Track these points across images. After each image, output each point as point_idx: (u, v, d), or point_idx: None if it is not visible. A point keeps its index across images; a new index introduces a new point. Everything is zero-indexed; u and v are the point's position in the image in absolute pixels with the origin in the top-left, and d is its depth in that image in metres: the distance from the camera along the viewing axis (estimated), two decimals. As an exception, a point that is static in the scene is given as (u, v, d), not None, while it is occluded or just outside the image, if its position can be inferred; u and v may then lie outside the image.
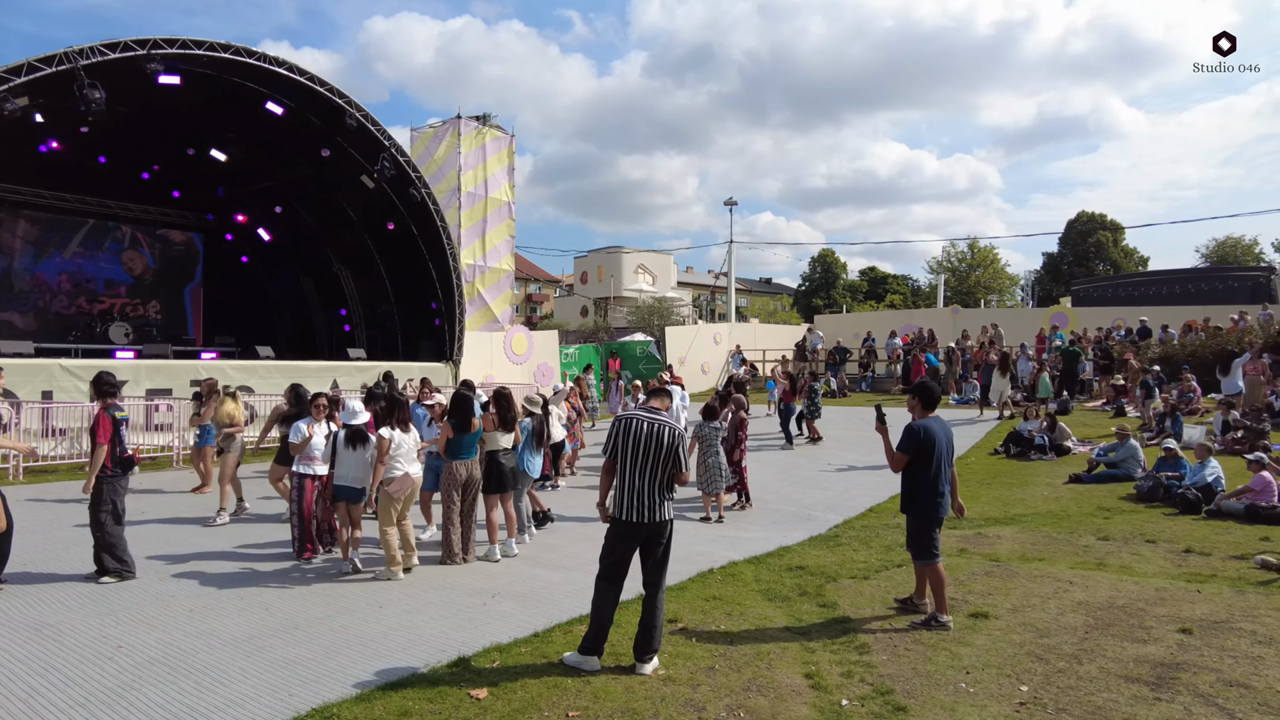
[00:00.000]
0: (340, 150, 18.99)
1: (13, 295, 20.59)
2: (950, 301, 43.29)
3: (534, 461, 8.61)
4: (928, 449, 5.78)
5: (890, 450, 6.00)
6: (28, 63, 13.07)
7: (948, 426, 6.06)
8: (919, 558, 5.92)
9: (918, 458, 5.81)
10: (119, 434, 6.95)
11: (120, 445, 6.95)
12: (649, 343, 29.03)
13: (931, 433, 5.82)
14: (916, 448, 5.81)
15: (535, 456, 8.63)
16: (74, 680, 4.81)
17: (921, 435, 5.80)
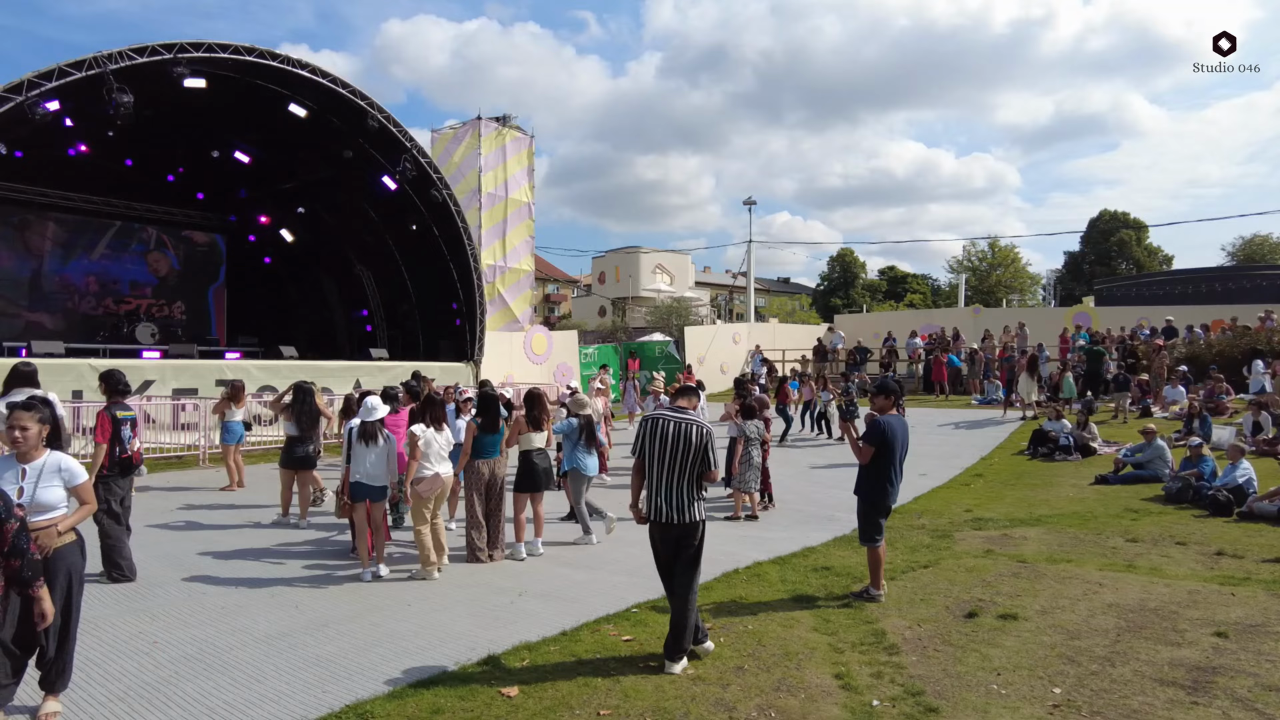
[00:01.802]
0: (362, 151, 19.13)
1: (42, 296, 20.91)
2: (971, 301, 43.00)
3: (589, 460, 8.56)
4: (889, 442, 6.18)
5: (855, 444, 6.40)
6: (58, 67, 13.28)
7: (906, 425, 6.44)
8: (864, 540, 6.43)
9: (879, 450, 6.21)
10: (119, 434, 6.88)
11: (120, 445, 6.88)
12: (668, 343, 29.04)
13: (892, 428, 6.20)
14: (879, 440, 6.19)
15: (590, 455, 8.59)
16: (113, 675, 4.89)
17: (883, 429, 6.19)
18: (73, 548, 4.37)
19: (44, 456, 4.30)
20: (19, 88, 12.97)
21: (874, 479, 6.29)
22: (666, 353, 27.84)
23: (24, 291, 20.64)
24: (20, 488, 4.15)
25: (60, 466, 4.31)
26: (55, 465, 4.29)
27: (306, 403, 9.40)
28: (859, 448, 6.31)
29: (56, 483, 4.26)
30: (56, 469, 4.28)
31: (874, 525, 6.35)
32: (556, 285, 71.95)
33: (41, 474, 4.22)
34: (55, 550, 4.25)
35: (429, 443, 7.19)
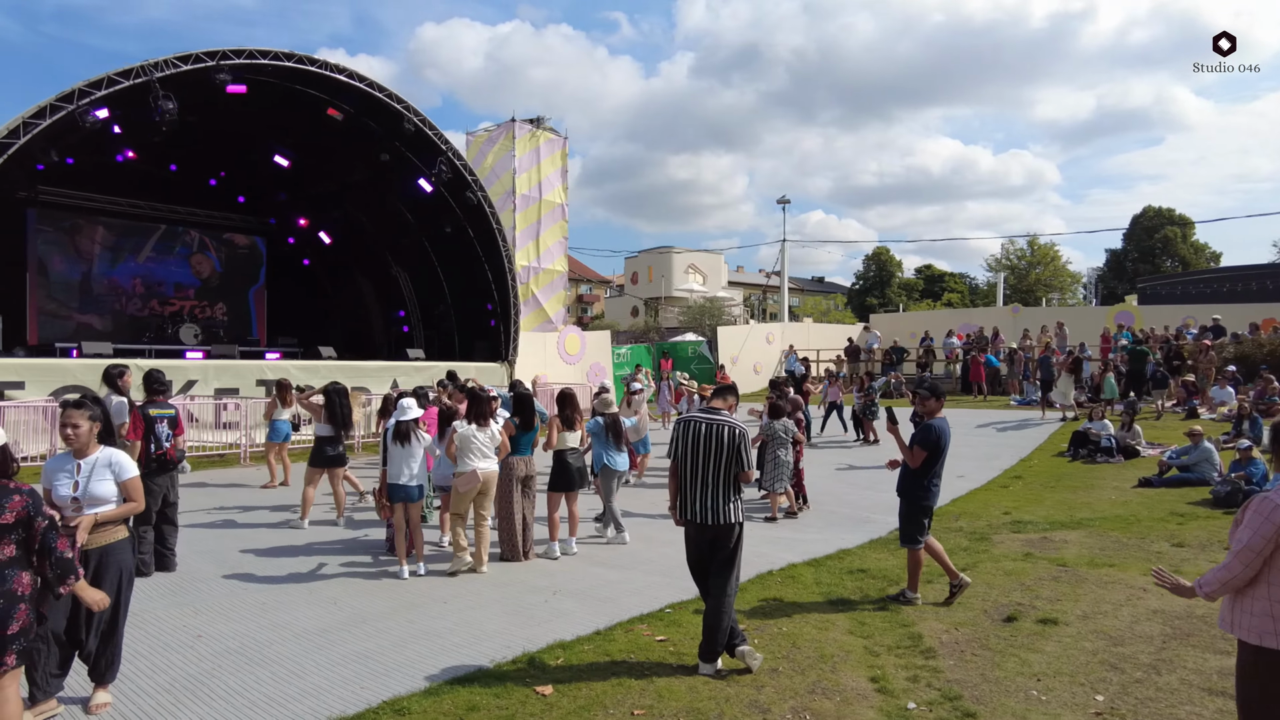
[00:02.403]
0: (398, 154, 19.37)
1: (92, 299, 21.50)
2: (1010, 300, 42.26)
3: (619, 456, 8.68)
4: (942, 446, 6.22)
5: (905, 447, 6.37)
6: (107, 76, 13.65)
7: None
8: (905, 542, 6.40)
9: (931, 453, 6.22)
10: (153, 432, 7.06)
11: (156, 443, 7.06)
12: (701, 343, 28.98)
13: (944, 432, 6.24)
14: (933, 445, 6.19)
15: (620, 452, 8.70)
16: (159, 667, 5.02)
17: (937, 433, 6.20)
18: (124, 544, 4.49)
19: (97, 452, 4.44)
20: (70, 97, 13.36)
21: (920, 481, 6.27)
22: (699, 353, 27.79)
23: (75, 294, 21.24)
24: (75, 481, 4.31)
25: (111, 461, 4.44)
26: (107, 460, 4.43)
27: (340, 403, 9.51)
28: (910, 451, 6.25)
29: (108, 476, 4.39)
30: (108, 463, 4.42)
31: (917, 526, 6.33)
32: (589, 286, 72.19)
33: (94, 468, 4.37)
34: (107, 546, 4.36)
35: (467, 439, 7.24)
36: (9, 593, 3.50)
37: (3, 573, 3.51)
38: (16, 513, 3.56)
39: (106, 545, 4.36)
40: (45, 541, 3.67)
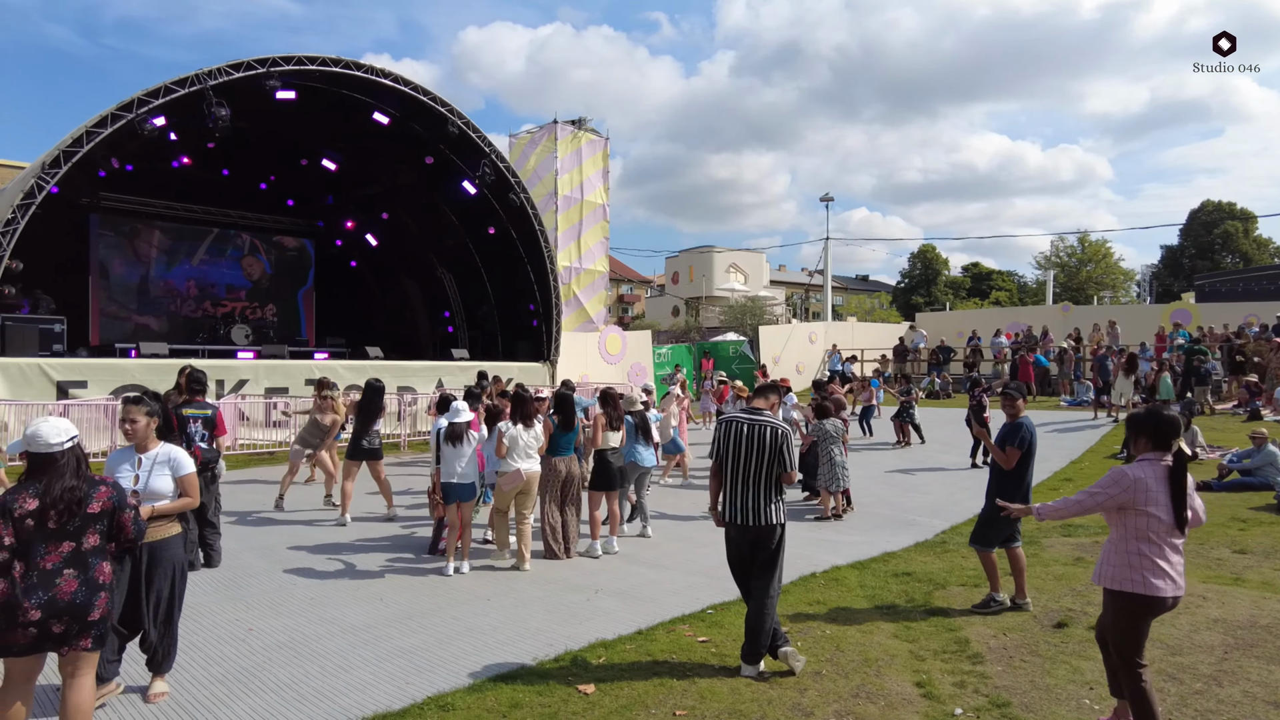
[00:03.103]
0: (442, 157, 19.62)
1: (149, 300, 22.16)
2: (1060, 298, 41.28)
3: (647, 453, 8.77)
4: (1034, 446, 6.18)
5: (997, 449, 6.26)
6: (164, 85, 14.05)
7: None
8: (977, 542, 6.31)
9: (1026, 453, 6.15)
10: (185, 433, 7.07)
11: (186, 442, 7.04)
12: (742, 342, 28.83)
13: (1033, 430, 6.19)
14: (1028, 445, 6.14)
15: (647, 449, 8.79)
16: (213, 659, 5.16)
17: (1032, 433, 6.16)
18: (177, 539, 4.61)
19: (157, 448, 4.59)
20: (130, 106, 13.79)
21: (1013, 481, 6.12)
22: (741, 352, 27.65)
23: (133, 296, 21.92)
24: (136, 475, 4.46)
25: (170, 458, 4.57)
26: (166, 456, 4.57)
27: (374, 398, 9.70)
28: (1003, 452, 6.16)
29: (166, 472, 4.53)
30: (167, 459, 4.56)
31: (995, 530, 6.18)
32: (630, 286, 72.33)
33: (154, 464, 4.52)
34: (161, 540, 4.48)
35: (514, 439, 7.34)
36: (91, 580, 3.63)
37: (87, 560, 3.63)
38: (103, 503, 3.70)
39: (161, 540, 4.48)
40: (139, 528, 3.88)
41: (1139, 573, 3.89)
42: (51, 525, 3.54)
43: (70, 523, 3.58)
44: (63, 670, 3.69)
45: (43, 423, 3.72)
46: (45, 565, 3.52)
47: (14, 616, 3.43)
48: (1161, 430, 3.99)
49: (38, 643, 3.52)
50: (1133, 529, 3.93)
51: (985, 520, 6.29)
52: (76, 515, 3.60)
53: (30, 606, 3.44)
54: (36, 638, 3.50)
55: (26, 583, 3.47)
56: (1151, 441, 4.01)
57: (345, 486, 9.37)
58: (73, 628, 3.56)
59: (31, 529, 3.51)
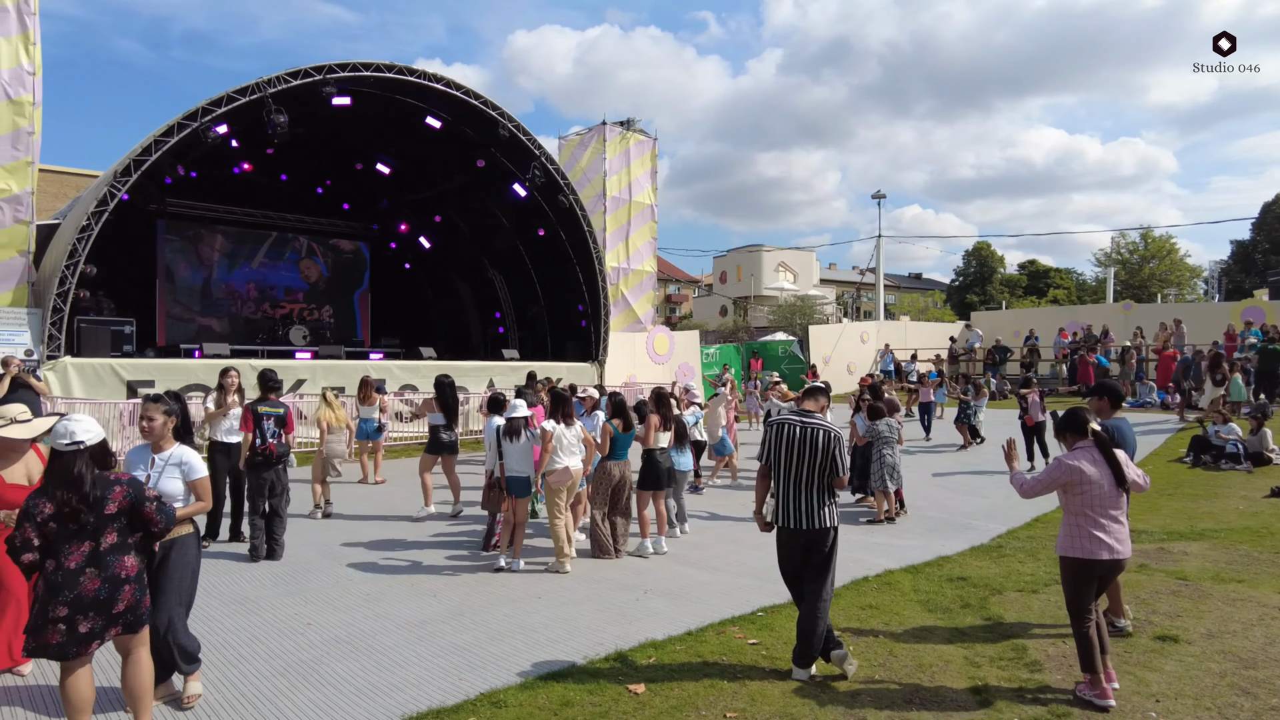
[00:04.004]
0: (493, 160, 19.86)
1: (212, 303, 22.90)
2: (1121, 296, 40.00)
3: (682, 458, 8.84)
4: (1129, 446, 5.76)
5: None
6: (227, 94, 14.50)
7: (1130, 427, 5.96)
8: None
9: None
10: (260, 428, 7.53)
11: (261, 438, 7.53)
12: (791, 342, 28.59)
13: (1122, 433, 5.78)
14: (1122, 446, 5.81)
15: (682, 453, 8.85)
16: (274, 652, 5.30)
17: (1119, 434, 5.74)
18: (189, 540, 4.54)
19: (171, 448, 4.52)
20: (194, 115, 14.26)
21: None
22: (790, 352, 27.41)
23: (197, 298, 22.67)
24: (147, 475, 4.42)
25: (181, 460, 4.49)
26: (179, 458, 4.49)
27: (449, 394, 9.90)
28: None
29: (176, 475, 4.45)
30: (179, 462, 4.48)
31: None
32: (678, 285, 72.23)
33: (166, 465, 4.46)
34: (173, 540, 4.38)
35: (559, 437, 7.41)
36: (113, 577, 3.74)
37: (105, 559, 3.73)
38: (119, 503, 3.78)
39: (172, 540, 4.39)
40: (167, 513, 3.97)
41: (1079, 540, 4.64)
42: (73, 526, 3.66)
43: (88, 523, 3.68)
44: (119, 650, 3.91)
45: (66, 420, 3.81)
46: (69, 565, 3.64)
47: (46, 613, 3.59)
48: (1076, 424, 4.84)
49: (70, 640, 3.63)
50: (1076, 504, 4.68)
51: None
52: (92, 515, 3.70)
53: (59, 603, 3.58)
54: (66, 634, 3.62)
55: (54, 580, 3.61)
56: (1075, 435, 4.83)
57: (424, 479, 9.69)
58: (98, 623, 3.69)
59: (55, 531, 3.64)
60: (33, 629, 3.62)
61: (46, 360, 13.20)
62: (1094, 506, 4.62)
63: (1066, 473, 4.69)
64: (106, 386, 13.74)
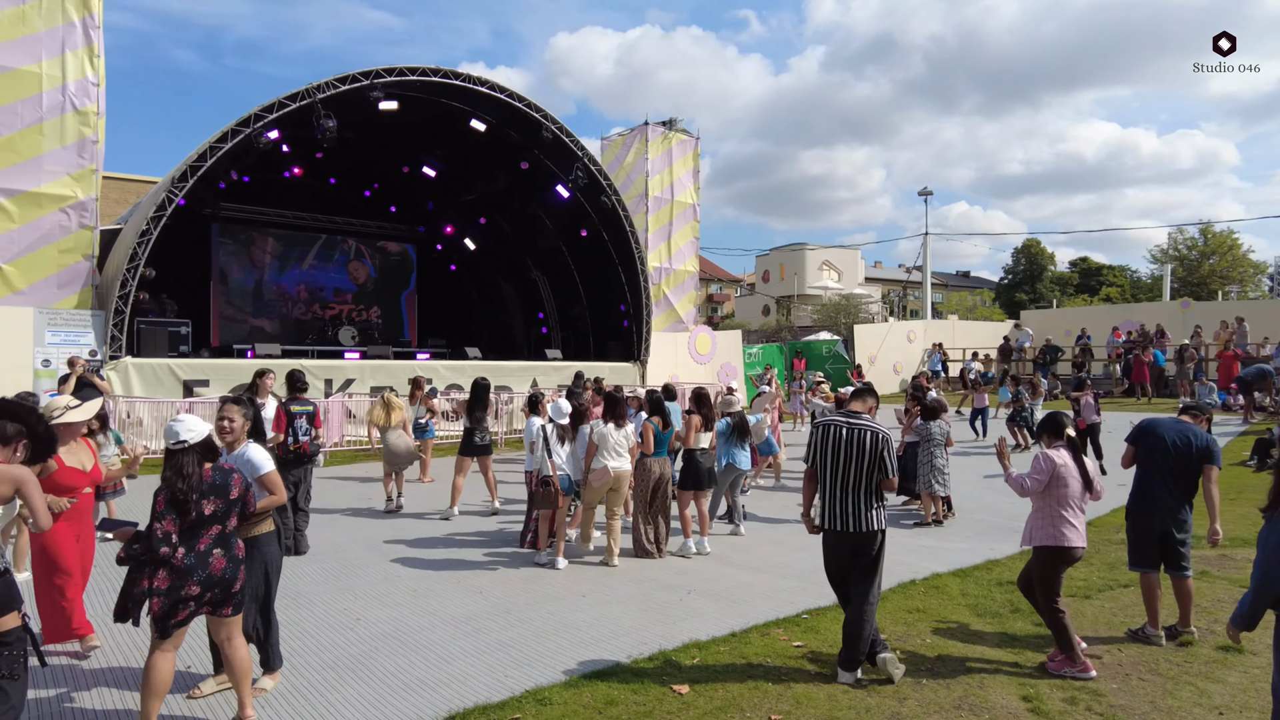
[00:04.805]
0: (537, 162, 20.04)
1: (263, 304, 23.49)
2: (1178, 294, 38.79)
3: (741, 454, 8.77)
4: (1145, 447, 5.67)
5: None
6: (278, 100, 14.87)
7: (1185, 430, 5.64)
8: (1148, 565, 5.64)
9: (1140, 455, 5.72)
10: (292, 427, 7.69)
11: (294, 436, 7.68)
12: (836, 342, 28.28)
13: (1155, 429, 5.66)
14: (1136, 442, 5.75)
15: (742, 450, 8.78)
16: (324, 646, 5.42)
17: (1143, 430, 5.71)
18: (270, 537, 4.67)
19: (243, 447, 4.66)
20: (247, 121, 14.66)
21: (1133, 488, 5.74)
22: (834, 352, 27.12)
23: (249, 299, 23.27)
24: None
25: (248, 458, 4.61)
26: (247, 457, 4.62)
27: (482, 396, 9.99)
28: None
29: (245, 472, 4.53)
30: (247, 460, 4.60)
31: (1135, 547, 5.68)
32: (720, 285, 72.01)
33: (237, 463, 4.57)
34: (254, 538, 4.52)
35: (604, 436, 7.46)
36: (234, 557, 4.11)
37: (230, 540, 4.11)
38: (239, 489, 4.15)
39: (253, 537, 4.52)
40: None
41: (1059, 530, 4.96)
42: (208, 511, 4.00)
43: (218, 508, 4.02)
44: (217, 636, 4.21)
45: (173, 422, 4.09)
46: (200, 547, 3.98)
47: (177, 595, 3.90)
48: (1055, 427, 5.24)
49: (191, 615, 4.00)
50: (1054, 498, 5.00)
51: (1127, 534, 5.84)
52: (221, 501, 4.03)
53: (192, 583, 3.93)
54: (193, 611, 3.99)
55: (186, 565, 3.91)
56: (1053, 436, 5.23)
57: (456, 481, 9.76)
58: (219, 598, 4.06)
59: (194, 517, 3.95)
60: (162, 615, 3.90)
61: (109, 360, 13.67)
62: (1067, 501, 4.98)
63: (1056, 469, 4.98)
64: (164, 386, 14.19)
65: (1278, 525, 3.80)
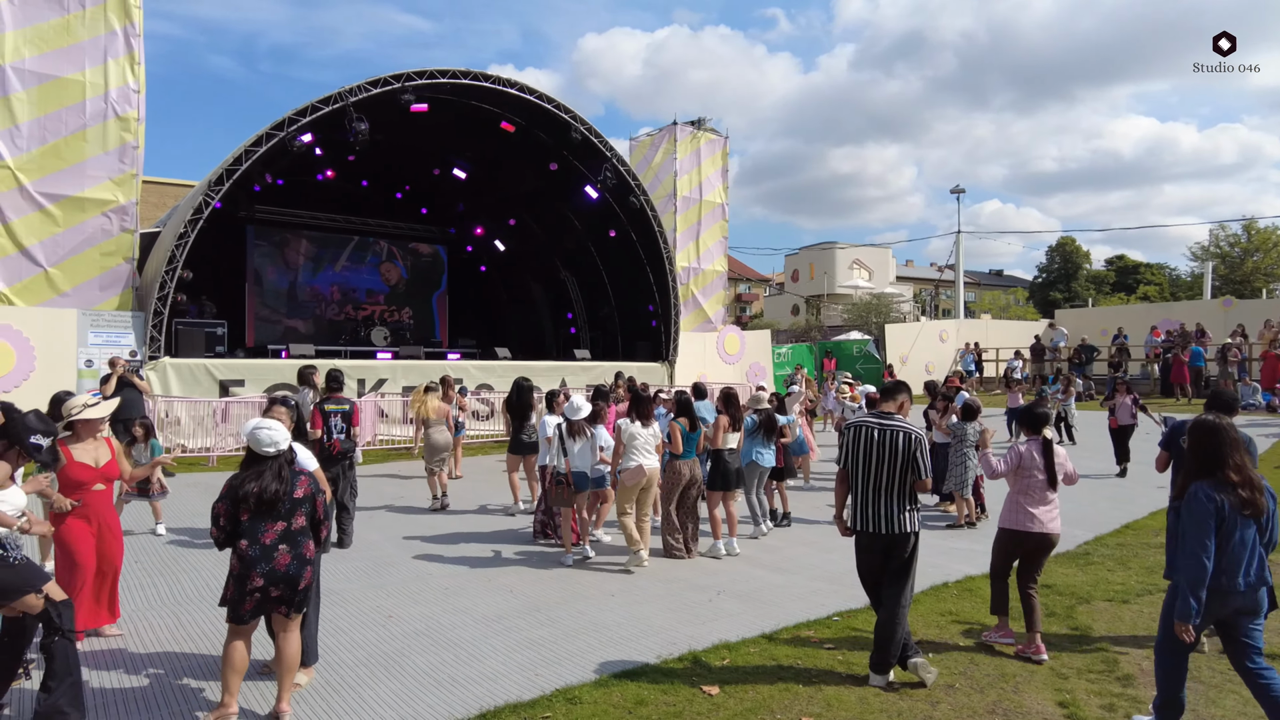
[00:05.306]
0: (566, 163, 20.12)
1: (298, 305, 23.84)
2: (1219, 292, 37.90)
3: (766, 453, 8.73)
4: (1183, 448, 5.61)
5: None
6: (311, 104, 15.10)
7: None
8: None
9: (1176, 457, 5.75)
10: (328, 426, 7.84)
11: (328, 435, 7.82)
12: (866, 341, 28.06)
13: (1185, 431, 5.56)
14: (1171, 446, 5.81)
15: (768, 448, 8.74)
16: (357, 643, 5.49)
17: (1178, 433, 5.70)
18: None
19: None
20: (281, 125, 14.89)
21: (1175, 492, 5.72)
22: (865, 352, 26.90)
23: (283, 300, 23.63)
24: None
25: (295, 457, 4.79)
26: None
27: (522, 397, 10.06)
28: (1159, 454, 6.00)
29: None
30: None
31: None
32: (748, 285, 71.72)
33: None
34: None
35: (633, 435, 7.46)
36: (300, 555, 4.27)
37: (296, 538, 4.27)
38: (304, 490, 4.35)
39: None
40: (326, 510, 4.55)
41: (1017, 515, 5.41)
42: (272, 505, 4.20)
43: (281, 506, 4.22)
44: (276, 631, 4.35)
45: (267, 431, 4.28)
46: (265, 540, 4.18)
47: (244, 584, 4.11)
48: (1034, 421, 5.63)
49: (259, 608, 4.19)
50: (1020, 486, 5.44)
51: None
52: (283, 502, 4.23)
53: (256, 574, 4.12)
54: (259, 603, 4.17)
55: (251, 555, 4.13)
56: (1029, 429, 5.61)
57: (511, 479, 10.02)
58: (286, 594, 4.20)
59: (254, 509, 4.16)
60: (233, 601, 4.15)
61: (148, 361, 13.96)
62: (1030, 492, 5.40)
63: (1020, 459, 5.44)
64: (201, 386, 14.46)
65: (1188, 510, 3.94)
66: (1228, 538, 3.81)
